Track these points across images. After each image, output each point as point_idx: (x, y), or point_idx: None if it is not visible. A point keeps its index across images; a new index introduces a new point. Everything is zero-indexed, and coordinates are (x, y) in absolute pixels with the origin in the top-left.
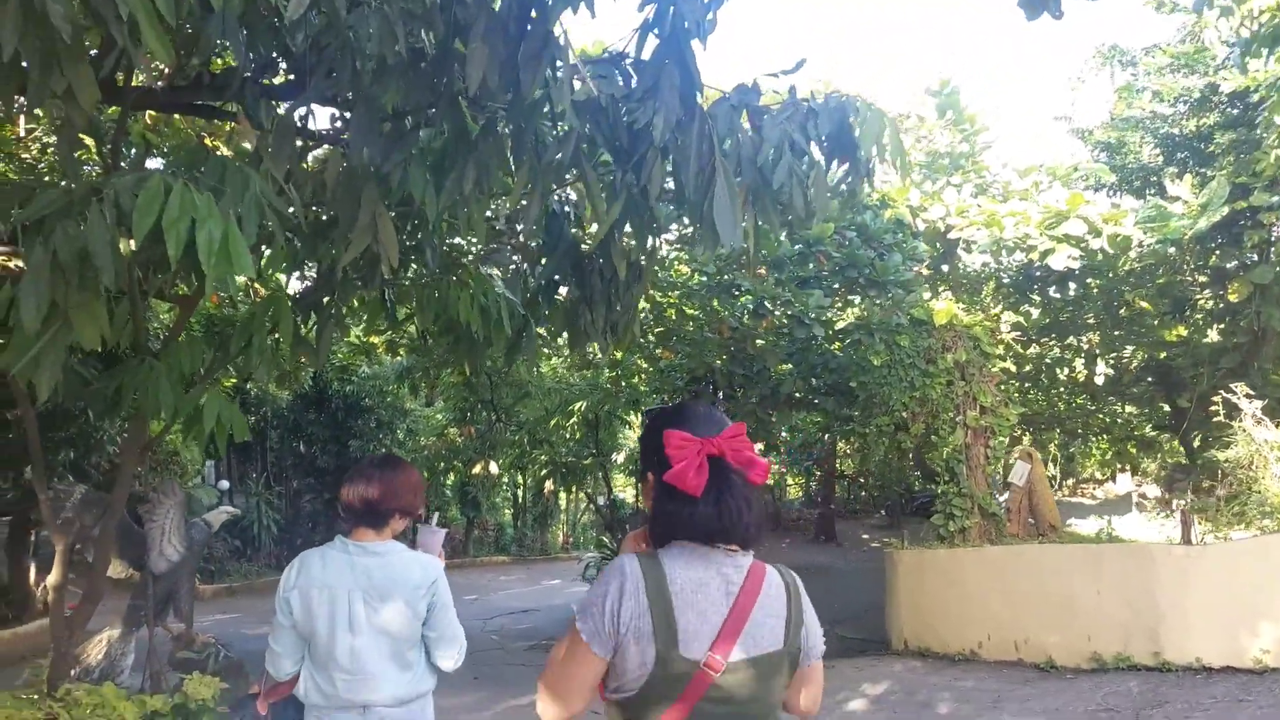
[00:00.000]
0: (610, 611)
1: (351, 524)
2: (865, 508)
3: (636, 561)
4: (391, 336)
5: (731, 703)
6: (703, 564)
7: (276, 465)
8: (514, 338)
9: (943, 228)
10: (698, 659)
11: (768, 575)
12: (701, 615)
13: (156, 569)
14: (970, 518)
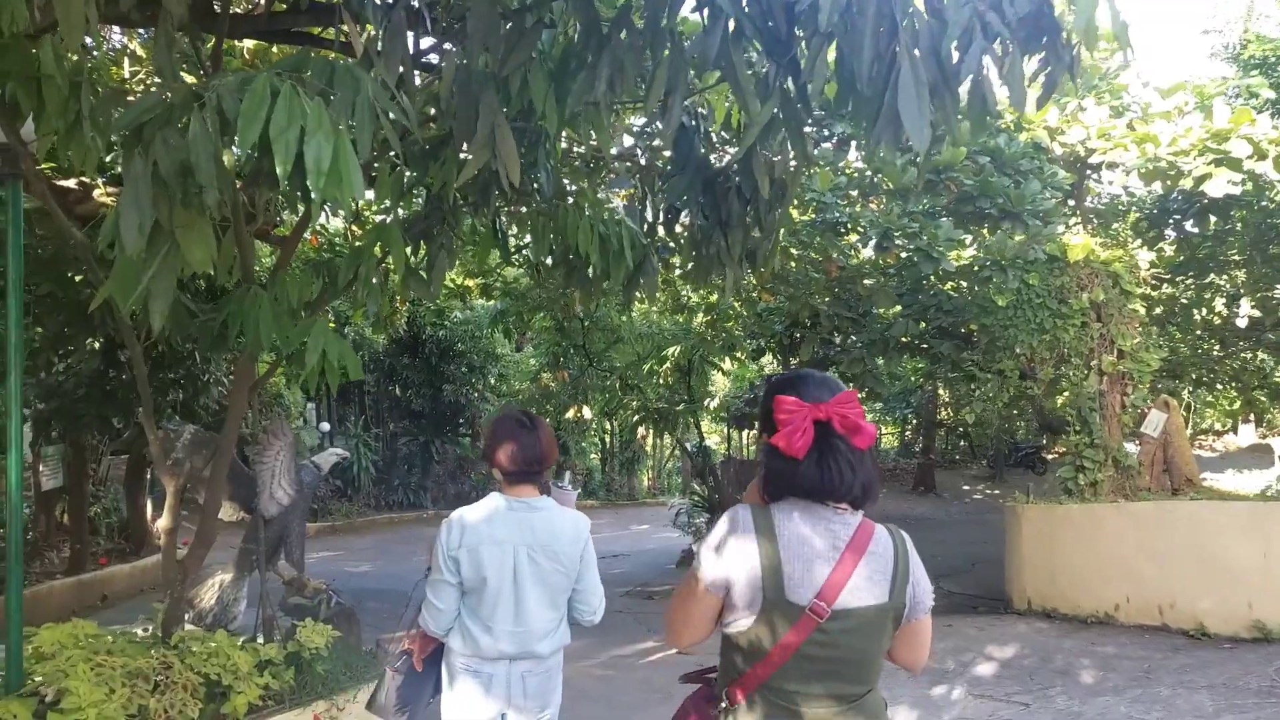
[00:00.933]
0: (725, 554)
1: (511, 481)
2: (965, 458)
3: (750, 511)
4: (486, 280)
5: (836, 648)
6: (810, 519)
7: (374, 409)
8: (634, 269)
9: (1083, 152)
10: (803, 605)
11: (876, 533)
12: (807, 565)
13: (267, 512)
14: (1103, 470)
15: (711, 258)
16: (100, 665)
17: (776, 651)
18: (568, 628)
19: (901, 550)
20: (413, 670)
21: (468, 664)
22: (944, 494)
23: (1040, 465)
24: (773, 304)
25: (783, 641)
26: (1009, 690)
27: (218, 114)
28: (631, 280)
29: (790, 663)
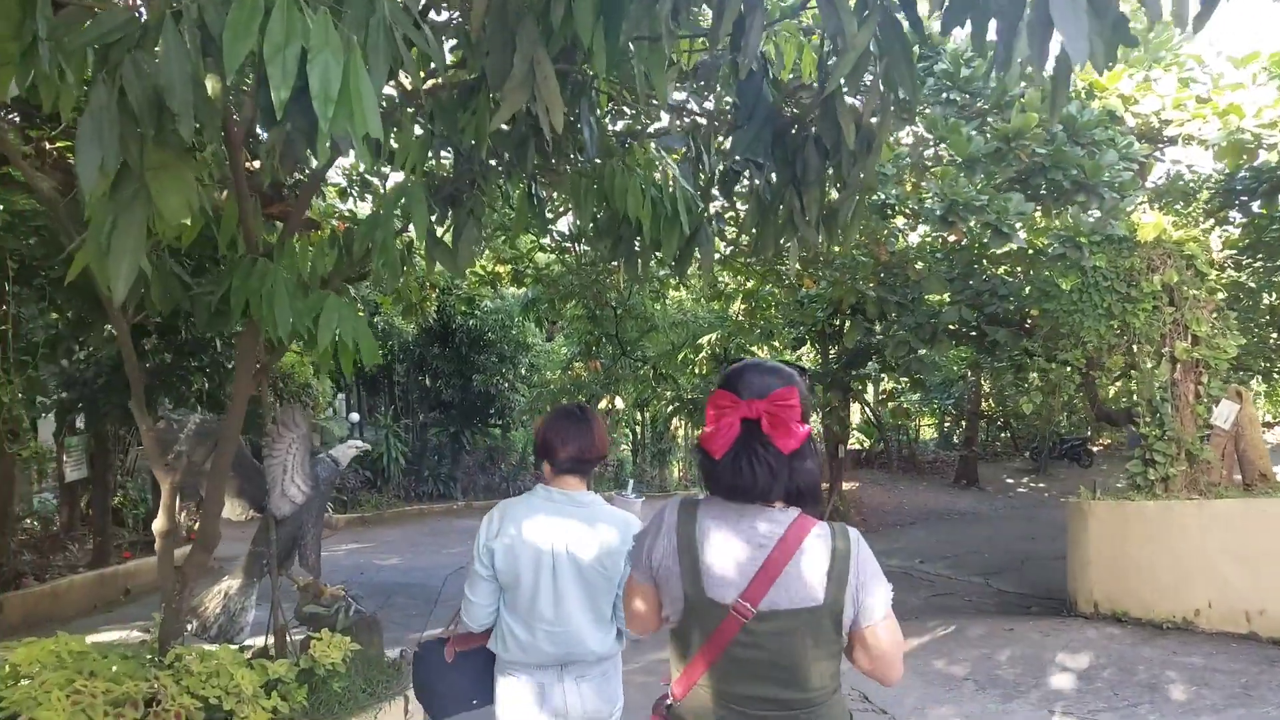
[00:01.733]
0: (646, 547)
1: (559, 472)
2: (1006, 450)
3: (675, 507)
4: (517, 266)
5: (764, 649)
6: (735, 516)
7: (404, 399)
8: (689, 238)
9: (1157, 123)
10: (726, 603)
11: (812, 533)
12: (731, 563)
13: (279, 511)
14: (1175, 465)
15: (781, 222)
16: (79, 691)
17: (704, 650)
18: (619, 636)
19: (841, 551)
20: (442, 659)
21: (515, 672)
22: (987, 487)
23: (1086, 458)
24: (815, 290)
25: (709, 640)
26: (1092, 707)
27: (199, 29)
28: (685, 251)
29: (719, 662)
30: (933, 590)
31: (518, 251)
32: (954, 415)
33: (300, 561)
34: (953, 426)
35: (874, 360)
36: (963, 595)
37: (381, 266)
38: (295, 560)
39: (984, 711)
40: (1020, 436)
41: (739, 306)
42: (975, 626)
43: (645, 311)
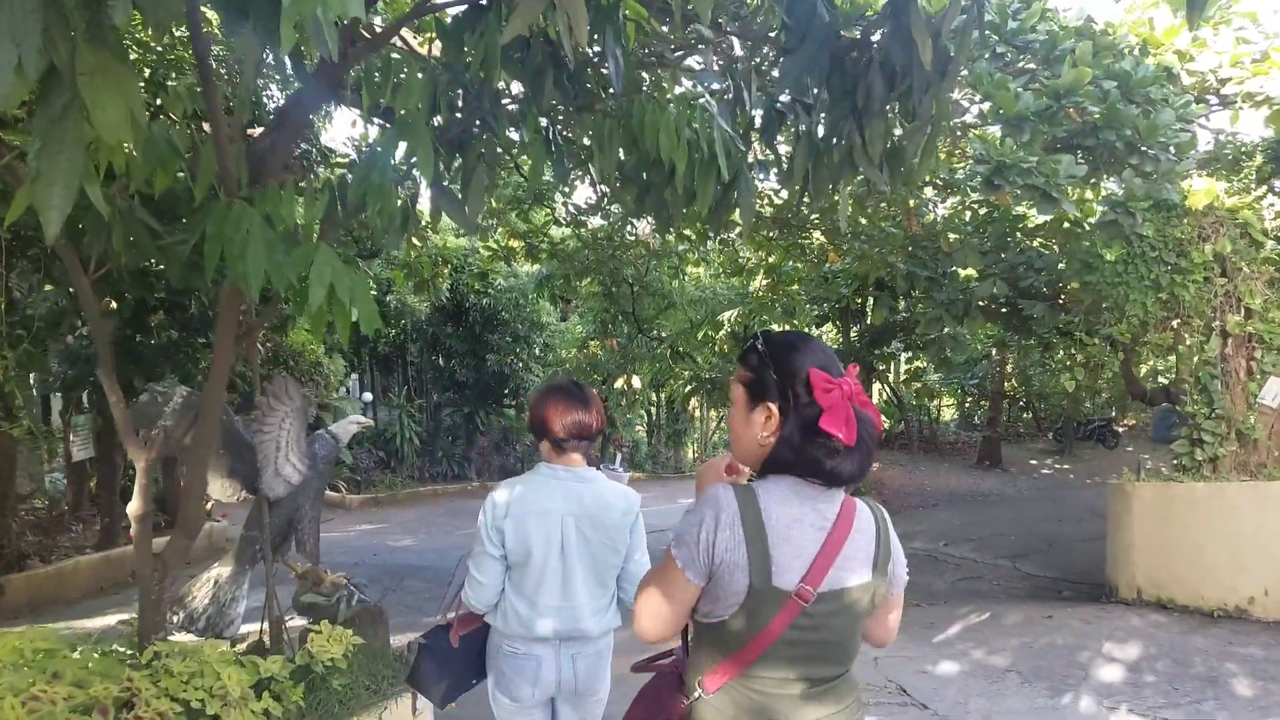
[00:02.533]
0: (706, 542)
1: (559, 449)
2: (1029, 431)
3: (733, 494)
4: (532, 240)
5: (819, 631)
6: (798, 499)
7: (417, 379)
8: (727, 185)
9: (1215, 82)
10: (789, 589)
11: (859, 510)
12: (796, 548)
13: (272, 492)
14: (1225, 445)
15: (838, 162)
16: (38, 698)
17: (758, 640)
18: (618, 610)
19: (883, 525)
20: (449, 646)
21: (513, 646)
22: (1010, 469)
23: (1111, 438)
24: (839, 265)
25: (766, 629)
26: (1151, 703)
27: None
28: (723, 201)
29: (771, 650)
30: (959, 574)
31: (532, 225)
32: (975, 395)
33: (297, 547)
34: (974, 407)
35: (899, 338)
36: (990, 579)
37: (377, 215)
38: (292, 545)
39: (1032, 707)
40: (1043, 417)
41: (760, 282)
42: (1011, 613)
43: (663, 288)
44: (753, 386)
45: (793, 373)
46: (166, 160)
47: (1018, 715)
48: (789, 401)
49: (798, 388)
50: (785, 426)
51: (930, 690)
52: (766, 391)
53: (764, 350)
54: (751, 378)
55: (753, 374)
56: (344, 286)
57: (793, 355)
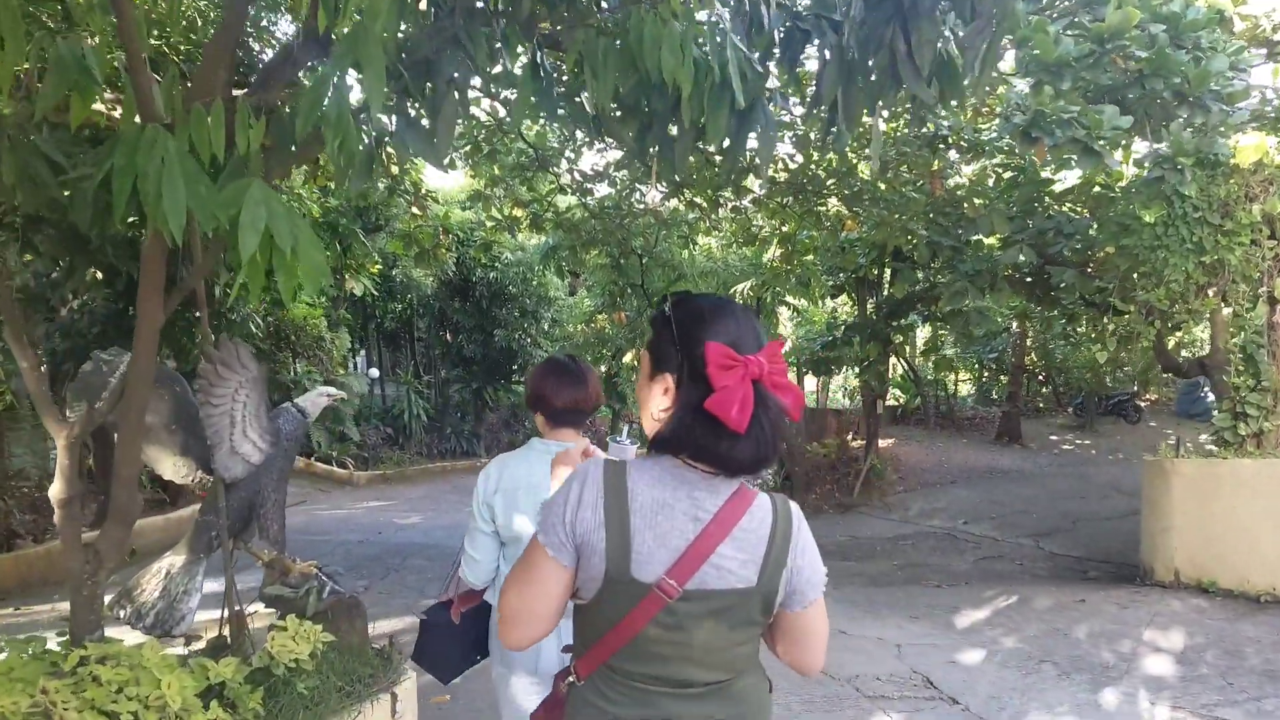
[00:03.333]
0: (568, 521)
1: (554, 423)
2: (1049, 406)
3: (601, 471)
4: (536, 209)
5: (683, 631)
6: (673, 483)
7: (425, 355)
8: (743, 114)
9: (1269, 28)
10: (649, 582)
11: (752, 506)
12: (661, 537)
13: (228, 472)
14: (1271, 418)
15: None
16: None
17: (616, 632)
18: None
19: (782, 528)
20: (450, 622)
21: None
22: (1030, 444)
23: (1134, 414)
24: (857, 233)
25: (624, 622)
26: (1206, 700)
27: None
28: (739, 134)
29: (634, 643)
30: (980, 553)
31: (536, 194)
32: (993, 369)
33: (260, 533)
34: (991, 381)
35: (917, 310)
36: (1012, 559)
37: (338, 151)
38: (255, 533)
39: (1074, 702)
40: (1062, 391)
41: (775, 252)
42: (1040, 596)
43: (673, 259)
44: (655, 353)
45: (693, 344)
46: (82, 85)
47: (1058, 713)
48: (684, 375)
49: (696, 361)
50: (678, 402)
51: (960, 683)
52: (666, 361)
53: (670, 315)
54: (655, 343)
55: (658, 339)
56: (283, 231)
57: (698, 325)
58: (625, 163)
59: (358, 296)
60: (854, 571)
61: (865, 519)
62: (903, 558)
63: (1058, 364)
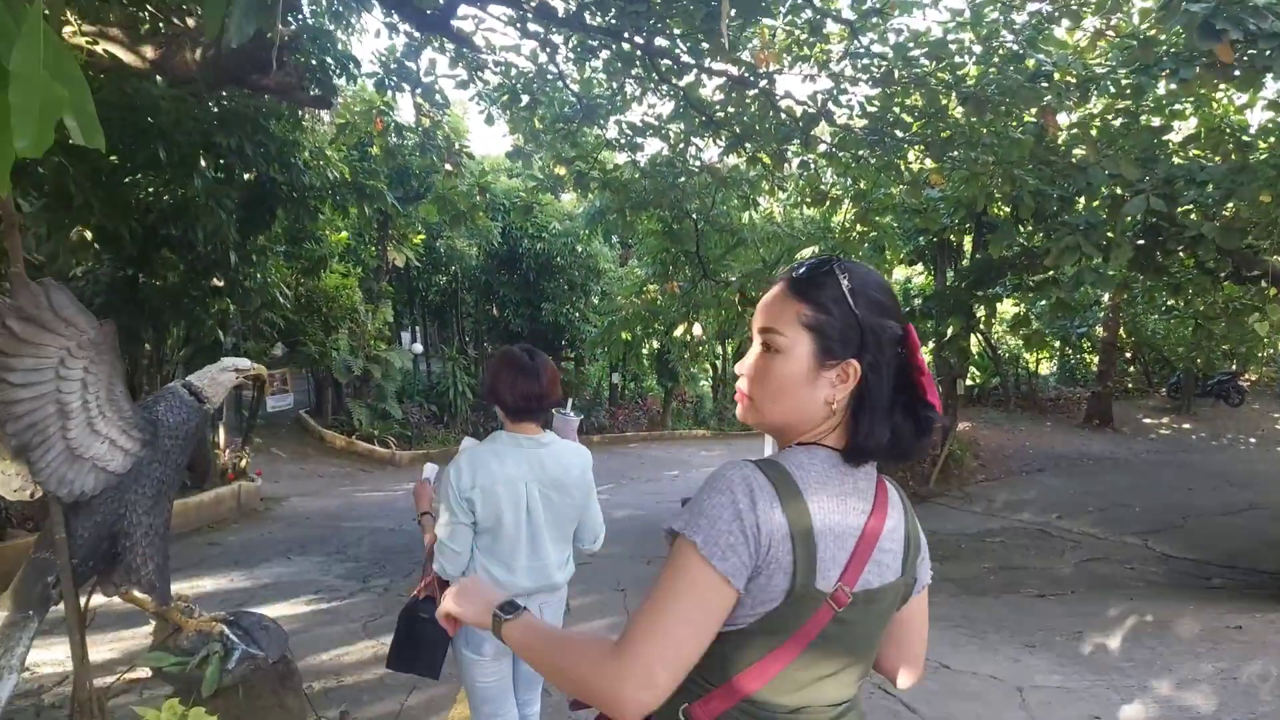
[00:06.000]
0: (750, 531)
1: (514, 418)
2: (1140, 387)
3: (763, 475)
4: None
5: (845, 641)
6: (837, 475)
7: (472, 330)
8: None
9: None
10: (826, 591)
11: (890, 489)
12: (840, 537)
13: (65, 487)
14: None
15: None
16: None
17: (776, 656)
18: (573, 560)
19: (909, 509)
20: (426, 620)
21: None
22: (1122, 428)
23: (1235, 395)
24: (942, 190)
25: (786, 645)
26: None
27: None
28: None
29: (791, 667)
30: (1081, 554)
31: (581, 150)
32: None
33: (129, 575)
34: (1075, 359)
35: (1007, 277)
36: (1120, 560)
37: None
38: (126, 571)
39: None
40: (1154, 370)
41: (846, 212)
42: (1180, 619)
43: (732, 223)
44: (826, 334)
45: (885, 324)
46: None
47: None
48: (872, 360)
49: (889, 345)
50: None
51: None
52: (846, 344)
53: (851, 287)
54: (826, 322)
55: (828, 317)
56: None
57: (888, 301)
58: (678, 113)
59: (400, 268)
60: (941, 576)
61: (945, 511)
62: (994, 558)
63: (1154, 340)
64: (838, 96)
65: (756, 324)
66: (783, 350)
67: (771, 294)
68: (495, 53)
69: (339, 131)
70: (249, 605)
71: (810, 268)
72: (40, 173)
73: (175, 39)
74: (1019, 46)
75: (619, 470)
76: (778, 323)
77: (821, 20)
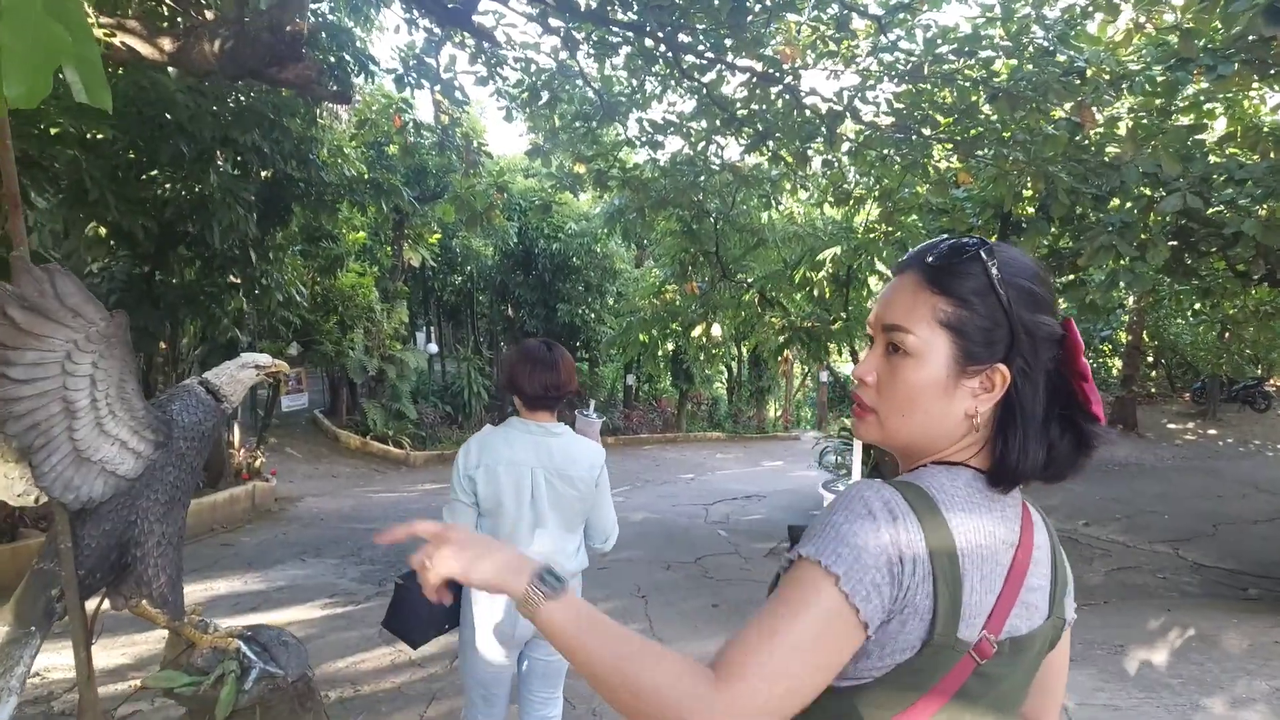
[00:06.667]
0: (895, 574)
1: (530, 407)
2: (1163, 391)
3: (903, 499)
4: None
5: (988, 698)
6: (984, 503)
7: (487, 331)
8: None
9: None
10: (969, 640)
11: (1033, 513)
12: (987, 579)
13: (72, 493)
14: None
15: None
16: None
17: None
18: (585, 553)
19: (1056, 540)
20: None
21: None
22: (1146, 434)
23: (1261, 401)
24: (970, 189)
25: (921, 701)
26: None
27: None
28: None
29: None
30: (1110, 562)
31: (600, 148)
32: (1100, 350)
33: (139, 587)
34: (1097, 362)
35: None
36: (1151, 570)
37: None
38: (137, 584)
39: None
40: (1177, 375)
41: (870, 212)
42: (1224, 632)
43: (752, 222)
44: (969, 334)
45: (1040, 320)
46: None
47: None
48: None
49: (1041, 344)
50: (1024, 402)
51: None
52: (993, 347)
53: (1001, 277)
54: (969, 319)
55: (971, 313)
56: None
57: (1044, 292)
58: (700, 110)
59: (415, 268)
60: None
61: None
62: None
63: (1173, 345)
64: (864, 93)
65: (878, 320)
66: (914, 353)
67: (898, 282)
68: (515, 49)
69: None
70: (263, 609)
71: (950, 250)
72: (55, 167)
73: (193, 30)
74: (1049, 43)
75: (635, 472)
76: (909, 320)
77: (848, 15)
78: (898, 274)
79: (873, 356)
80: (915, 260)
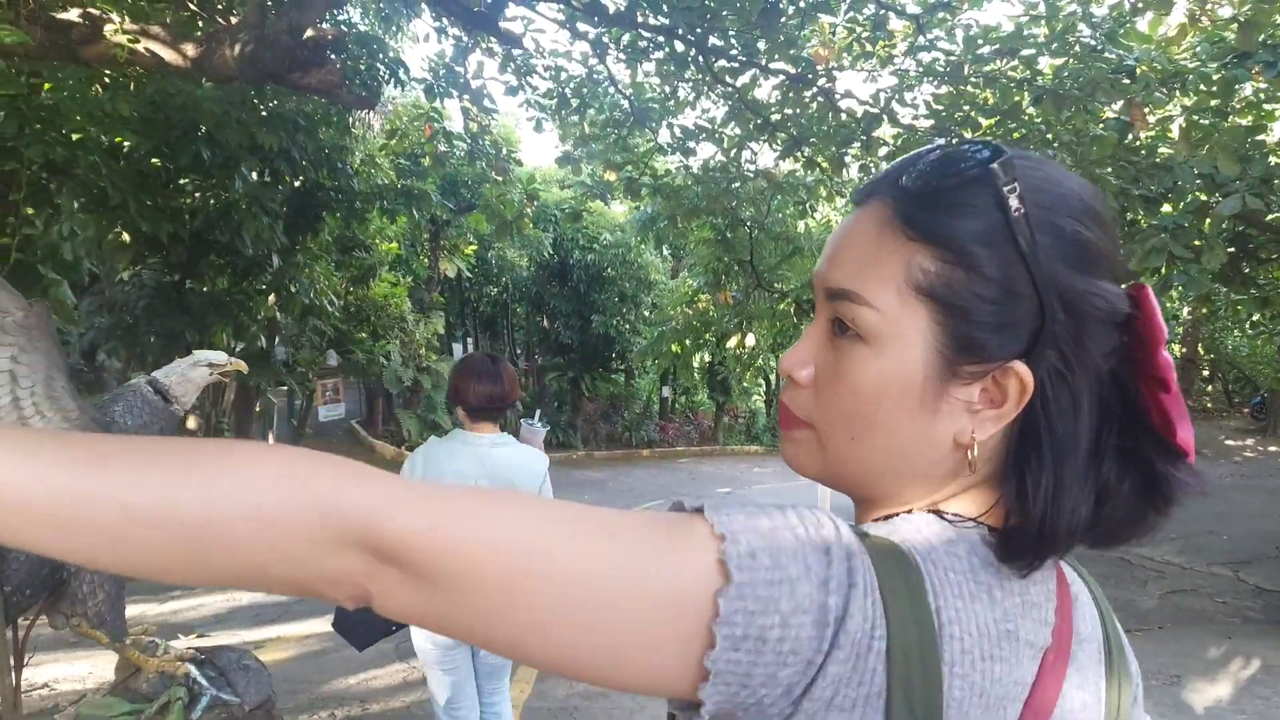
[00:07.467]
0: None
1: (473, 418)
2: (1219, 405)
3: (869, 558)
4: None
5: None
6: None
7: (524, 342)
8: None
9: None
10: None
11: (1074, 592)
12: (987, 694)
13: None
14: None
15: None
16: None
17: None
18: None
19: (1107, 608)
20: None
21: None
22: (1203, 450)
23: None
24: None
25: None
26: None
27: None
28: None
29: None
30: (1165, 585)
31: (631, 155)
32: None
33: (73, 606)
34: None
35: None
36: (1210, 594)
37: None
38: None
39: None
40: (1234, 389)
41: None
42: None
43: (787, 230)
44: (970, 310)
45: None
46: None
47: None
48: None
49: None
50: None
51: None
52: (1006, 330)
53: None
54: (970, 285)
55: (975, 276)
56: None
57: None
58: (733, 115)
59: (452, 279)
60: None
61: None
62: None
63: (1231, 358)
64: (901, 95)
65: (820, 281)
66: (872, 337)
67: (855, 220)
68: (544, 56)
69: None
70: (283, 620)
71: (941, 165)
72: (78, 173)
73: (215, 35)
74: (1097, 40)
75: (670, 486)
76: (864, 282)
77: (885, 15)
78: (858, 205)
79: (809, 338)
80: (884, 184)
